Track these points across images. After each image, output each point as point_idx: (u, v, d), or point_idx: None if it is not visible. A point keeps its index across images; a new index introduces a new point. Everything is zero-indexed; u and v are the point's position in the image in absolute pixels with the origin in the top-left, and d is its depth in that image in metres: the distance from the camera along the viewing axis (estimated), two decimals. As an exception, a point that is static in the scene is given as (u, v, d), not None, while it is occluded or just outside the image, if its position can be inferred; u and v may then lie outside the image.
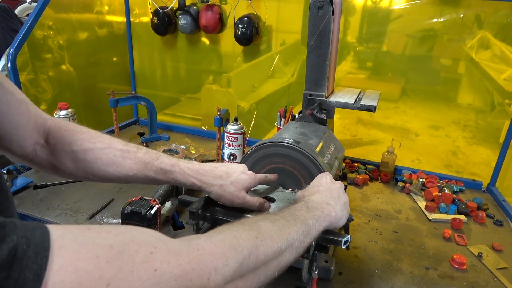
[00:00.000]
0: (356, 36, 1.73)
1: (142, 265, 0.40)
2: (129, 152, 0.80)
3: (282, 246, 0.58)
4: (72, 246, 0.37)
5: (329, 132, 1.24)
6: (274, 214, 0.66)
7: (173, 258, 0.43)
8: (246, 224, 0.57)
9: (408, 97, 1.75)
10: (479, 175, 1.67)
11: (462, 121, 1.70)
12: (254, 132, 2.02)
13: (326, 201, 0.78)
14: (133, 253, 0.40)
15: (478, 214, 1.34)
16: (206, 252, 0.46)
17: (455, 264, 1.10)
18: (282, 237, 0.59)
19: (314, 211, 0.73)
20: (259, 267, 0.54)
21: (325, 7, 1.17)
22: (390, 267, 1.09)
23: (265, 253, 0.54)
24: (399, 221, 1.33)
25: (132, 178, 0.82)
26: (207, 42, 1.98)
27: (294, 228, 0.64)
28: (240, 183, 0.87)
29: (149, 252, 0.42)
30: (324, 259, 0.99)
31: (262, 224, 0.59)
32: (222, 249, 0.48)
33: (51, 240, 0.36)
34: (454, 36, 1.58)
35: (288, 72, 1.91)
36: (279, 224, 0.62)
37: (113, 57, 2.16)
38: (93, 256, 0.37)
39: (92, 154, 0.77)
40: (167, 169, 0.83)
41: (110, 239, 0.41)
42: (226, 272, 0.47)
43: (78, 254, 0.37)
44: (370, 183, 1.59)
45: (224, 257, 0.48)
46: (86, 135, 0.78)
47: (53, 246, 0.36)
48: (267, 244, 0.55)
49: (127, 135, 1.98)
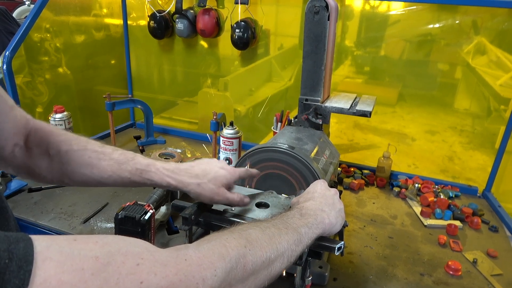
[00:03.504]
0: (354, 41, 1.74)
1: (128, 277, 0.40)
2: (104, 154, 0.79)
3: (272, 255, 0.57)
4: (57, 258, 0.37)
5: (324, 137, 1.24)
6: (265, 222, 0.66)
7: (160, 269, 0.42)
8: (236, 232, 0.57)
9: (405, 101, 1.75)
10: (475, 180, 1.67)
11: (458, 126, 1.70)
12: (251, 136, 2.02)
13: (321, 208, 0.77)
14: (120, 264, 0.40)
15: (473, 220, 1.34)
16: (194, 263, 0.46)
17: (450, 271, 1.10)
18: (272, 246, 0.59)
19: (308, 218, 0.73)
20: (247, 277, 0.53)
21: (321, 12, 1.17)
22: (385, 273, 1.08)
23: (253, 262, 0.54)
24: (394, 226, 1.32)
25: (108, 180, 0.80)
26: (204, 46, 1.98)
27: (285, 237, 0.63)
28: (218, 180, 0.86)
29: (136, 263, 0.41)
30: (318, 265, 0.99)
31: (252, 232, 0.58)
32: (210, 258, 0.48)
33: (35, 253, 0.36)
34: (451, 42, 1.59)
35: (285, 76, 1.91)
36: (269, 233, 0.61)
37: (110, 60, 2.16)
38: (78, 268, 0.37)
39: (67, 156, 0.76)
40: (142, 169, 0.81)
41: (97, 250, 0.40)
42: (214, 282, 0.47)
43: (63, 266, 0.36)
44: (366, 188, 1.58)
45: (212, 267, 0.47)
46: (63, 137, 0.78)
47: (37, 259, 0.35)
48: (256, 254, 0.55)
49: (123, 138, 1.98)
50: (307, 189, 0.87)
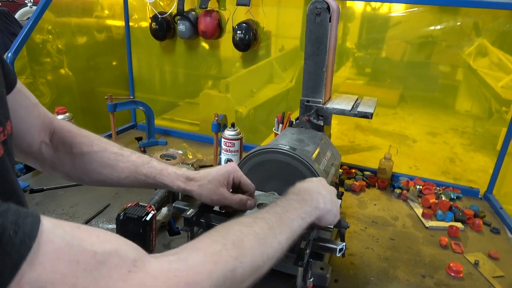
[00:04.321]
0: (355, 42, 1.74)
1: (118, 283, 0.39)
2: (123, 156, 0.84)
3: (260, 263, 0.56)
4: (57, 243, 0.37)
5: (325, 139, 1.24)
6: (260, 219, 0.63)
7: (150, 281, 0.42)
8: (229, 238, 0.55)
9: (406, 103, 1.75)
10: (476, 182, 1.67)
11: (460, 127, 1.70)
12: (252, 137, 2.02)
13: (318, 190, 0.77)
14: (113, 267, 0.40)
15: (475, 222, 1.34)
16: (182, 280, 0.45)
17: (451, 272, 1.10)
18: (264, 252, 0.58)
19: (304, 203, 0.72)
20: (235, 286, 0.52)
21: (322, 14, 1.17)
22: (386, 275, 1.08)
23: (242, 274, 0.53)
24: (395, 228, 1.32)
25: (124, 180, 0.85)
26: (206, 47, 1.99)
27: (277, 239, 0.62)
28: (218, 180, 0.88)
29: (128, 270, 0.41)
30: (319, 266, 0.99)
31: (246, 240, 0.56)
32: (199, 276, 0.47)
33: (39, 231, 0.36)
34: (453, 43, 1.59)
35: (286, 78, 1.91)
36: (262, 236, 0.59)
37: (111, 62, 2.16)
38: (74, 260, 0.37)
39: (89, 157, 0.81)
40: (157, 172, 0.86)
41: (97, 246, 0.40)
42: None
43: (61, 254, 0.37)
44: (367, 190, 1.58)
45: (200, 285, 0.46)
46: (85, 138, 0.83)
47: (40, 238, 0.36)
48: (246, 264, 0.53)
49: (125, 139, 1.98)
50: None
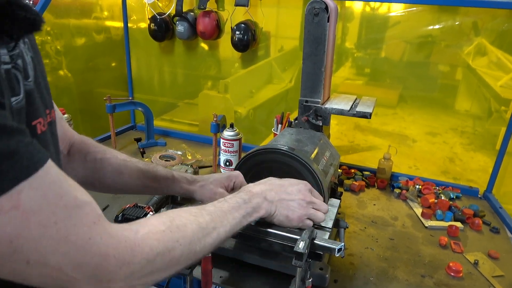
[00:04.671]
0: (354, 42, 1.74)
1: (83, 228, 0.47)
2: (132, 162, 0.92)
3: (198, 248, 0.63)
4: (54, 178, 0.46)
5: (324, 139, 1.24)
6: (206, 211, 0.69)
7: (106, 237, 0.49)
8: (175, 223, 0.61)
9: (406, 103, 1.75)
10: (476, 181, 1.67)
11: (459, 127, 1.70)
12: (251, 138, 2.02)
13: (264, 195, 0.81)
14: (85, 213, 0.48)
15: (474, 221, 1.33)
16: (129, 246, 0.52)
17: (451, 272, 1.09)
18: (202, 240, 0.64)
19: (248, 206, 0.77)
20: (171, 267, 0.59)
21: (321, 14, 1.17)
22: (386, 275, 1.08)
23: (180, 254, 0.59)
24: (395, 228, 1.32)
25: (131, 185, 0.91)
26: (205, 48, 1.99)
27: (216, 231, 0.67)
28: (219, 181, 0.94)
29: (93, 221, 0.49)
30: (319, 266, 0.98)
31: (189, 227, 0.63)
32: (143, 248, 0.53)
33: (46, 165, 0.44)
34: (452, 43, 1.59)
35: (286, 78, 1.91)
36: (204, 226, 0.65)
37: (110, 63, 2.16)
38: (60, 195, 0.45)
39: (101, 163, 0.88)
40: (162, 176, 0.92)
41: (79, 193, 0.49)
42: (136, 268, 0.52)
43: (54, 186, 0.45)
44: (366, 190, 1.58)
45: (140, 255, 0.53)
46: (99, 148, 0.90)
47: (44, 169, 0.44)
48: (185, 247, 0.60)
49: (124, 140, 1.98)
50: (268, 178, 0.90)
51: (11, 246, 0.42)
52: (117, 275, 0.50)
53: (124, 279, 0.51)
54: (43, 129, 0.58)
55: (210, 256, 0.90)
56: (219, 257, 1.03)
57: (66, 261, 0.46)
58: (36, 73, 0.57)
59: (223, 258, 1.03)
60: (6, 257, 0.42)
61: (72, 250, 0.46)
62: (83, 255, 0.47)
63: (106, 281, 0.50)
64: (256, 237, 0.89)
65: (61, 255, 0.45)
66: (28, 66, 0.54)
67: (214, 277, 1.00)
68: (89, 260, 0.47)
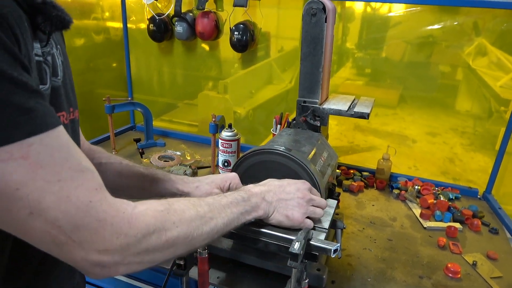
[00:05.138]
0: (355, 43, 1.73)
1: (85, 192, 0.50)
2: (134, 166, 0.95)
3: (194, 234, 0.64)
4: (64, 142, 0.50)
5: (322, 139, 1.24)
6: (205, 203, 0.70)
7: (105, 204, 0.52)
8: (173, 207, 0.63)
9: (406, 103, 1.74)
10: (475, 182, 1.66)
11: (460, 127, 1.69)
12: (251, 138, 2.02)
13: (262, 196, 0.82)
14: (86, 179, 0.51)
15: (473, 222, 1.33)
16: (125, 219, 0.54)
17: (449, 273, 1.09)
18: (199, 227, 0.65)
19: (246, 205, 0.78)
20: (167, 247, 0.60)
21: (318, 14, 1.17)
22: (384, 276, 1.08)
23: (176, 237, 0.60)
24: (393, 228, 1.32)
25: (132, 188, 0.94)
26: (204, 48, 1.99)
27: (214, 221, 0.68)
28: (215, 182, 0.95)
29: (95, 188, 0.52)
30: (316, 267, 0.98)
31: (187, 213, 0.64)
32: (139, 223, 0.55)
33: (58, 127, 0.49)
34: (453, 43, 1.58)
35: (286, 79, 1.91)
36: (202, 214, 0.67)
37: (110, 63, 2.16)
38: (66, 157, 0.50)
39: (105, 166, 0.91)
40: (160, 179, 0.94)
41: (84, 161, 0.53)
42: (131, 241, 0.54)
43: (62, 148, 0.50)
44: (365, 190, 1.58)
45: (136, 229, 0.54)
46: (105, 154, 0.95)
47: (56, 130, 0.49)
48: (181, 231, 0.61)
49: (123, 141, 1.98)
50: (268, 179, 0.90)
51: (16, 194, 0.45)
52: (112, 245, 0.52)
53: (119, 250, 0.53)
54: (66, 122, 0.64)
55: (206, 257, 0.90)
56: (216, 258, 1.03)
57: (65, 220, 0.48)
58: (64, 75, 0.65)
59: (220, 258, 1.03)
60: (12, 203, 0.45)
61: (72, 210, 0.49)
62: (82, 216, 0.49)
63: (103, 250, 0.52)
64: (252, 237, 0.88)
65: (61, 212, 0.48)
66: (58, 68, 0.63)
67: (212, 277, 0.99)
68: (87, 223, 0.50)
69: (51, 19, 0.54)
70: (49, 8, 0.54)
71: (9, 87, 0.45)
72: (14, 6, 0.49)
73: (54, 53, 0.62)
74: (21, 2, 0.51)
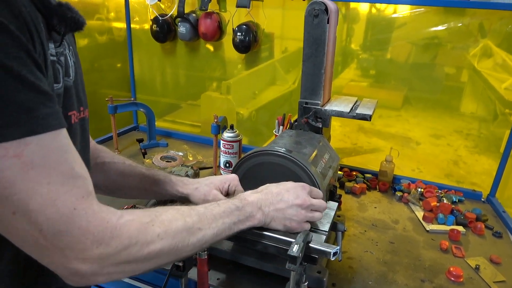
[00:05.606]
0: (360, 44, 1.72)
1: (71, 198, 0.50)
2: (136, 167, 0.97)
3: (180, 245, 0.63)
4: (61, 145, 0.51)
5: (324, 141, 1.23)
6: (195, 212, 0.69)
7: (89, 213, 0.52)
8: (160, 218, 0.62)
9: (411, 105, 1.73)
10: (479, 185, 1.65)
11: (464, 130, 1.67)
12: (254, 139, 2.01)
13: (259, 205, 0.81)
14: (76, 186, 0.51)
15: (476, 225, 1.31)
16: (108, 229, 0.53)
17: (451, 277, 1.08)
18: (186, 238, 0.64)
19: (240, 214, 0.77)
20: (149, 259, 0.59)
21: (320, 15, 1.16)
22: (385, 279, 1.07)
23: (160, 249, 0.60)
24: (396, 231, 1.31)
25: (133, 188, 0.95)
26: (207, 49, 1.99)
27: (202, 232, 0.68)
28: (213, 183, 0.95)
29: (82, 195, 0.52)
30: (316, 270, 0.98)
31: (174, 224, 0.63)
32: (121, 232, 0.55)
33: (59, 130, 0.50)
34: (458, 44, 1.57)
35: (290, 80, 1.90)
36: (190, 225, 0.66)
37: (113, 64, 2.17)
38: (60, 162, 0.50)
39: (108, 165, 0.93)
40: (161, 180, 0.95)
41: (77, 167, 0.53)
42: (111, 251, 0.54)
43: (58, 151, 0.50)
44: (368, 192, 1.57)
45: (118, 239, 0.54)
46: (109, 154, 0.96)
47: (55, 133, 0.49)
48: (166, 243, 0.61)
49: (126, 141, 1.99)
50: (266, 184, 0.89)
51: (4, 192, 0.46)
52: (92, 254, 0.52)
53: (98, 260, 0.53)
54: (76, 121, 0.66)
55: (206, 258, 0.90)
56: (217, 259, 1.03)
57: (48, 224, 0.48)
58: (76, 75, 0.66)
59: (220, 260, 1.03)
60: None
61: (55, 215, 0.49)
62: (65, 223, 0.49)
63: (82, 259, 0.52)
64: (251, 239, 0.88)
65: (44, 216, 0.48)
66: (70, 68, 0.64)
67: (211, 279, 0.99)
68: (70, 230, 0.50)
69: (66, 20, 0.56)
70: (64, 10, 0.56)
71: (15, 85, 0.45)
72: (31, 7, 0.50)
73: (67, 54, 0.63)
74: (38, 4, 0.52)
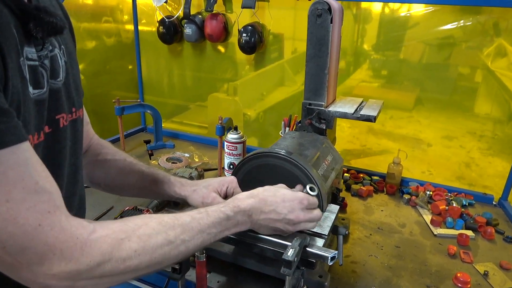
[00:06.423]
0: (372, 44, 1.70)
1: (35, 214, 0.48)
2: (137, 165, 0.95)
3: (160, 259, 0.61)
4: (18, 161, 0.47)
5: (327, 143, 1.21)
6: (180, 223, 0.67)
7: (57, 229, 0.50)
8: (138, 232, 0.59)
9: (423, 106, 1.69)
10: (492, 188, 1.60)
11: (478, 131, 1.63)
12: (261, 141, 2.00)
13: (250, 213, 0.79)
14: (41, 201, 0.49)
15: (486, 230, 1.27)
16: (79, 246, 0.51)
17: (458, 283, 1.04)
18: (167, 253, 0.62)
19: (230, 223, 0.75)
20: (126, 273, 0.57)
21: (324, 15, 1.14)
22: (389, 284, 1.04)
23: (137, 264, 0.58)
24: (402, 235, 1.27)
25: (133, 186, 0.94)
26: (214, 50, 1.98)
27: (185, 245, 0.66)
28: (211, 185, 0.94)
29: (48, 210, 0.49)
30: (318, 274, 0.96)
31: (153, 239, 0.61)
32: (93, 250, 0.53)
33: (21, 144, 0.48)
34: (473, 44, 1.52)
35: (298, 81, 1.88)
36: (172, 239, 0.63)
37: (121, 66, 2.19)
38: (21, 177, 0.47)
39: (109, 163, 0.93)
40: (160, 180, 0.95)
41: (42, 181, 0.50)
42: (82, 268, 0.51)
43: (16, 167, 0.47)
44: (375, 195, 1.54)
45: (90, 256, 0.52)
46: (111, 150, 0.95)
47: (12, 149, 0.47)
48: (143, 259, 0.59)
49: (133, 142, 2.00)
50: (265, 187, 0.86)
51: None
52: (60, 270, 0.50)
53: (69, 276, 0.51)
54: (65, 123, 0.64)
55: (204, 261, 0.89)
56: (217, 262, 1.02)
57: (11, 242, 0.47)
58: (67, 75, 0.64)
59: (221, 262, 1.02)
60: None
61: (18, 232, 0.47)
62: (29, 240, 0.47)
63: (51, 275, 0.50)
64: (247, 242, 0.87)
65: (7, 234, 0.46)
66: (60, 69, 0.62)
67: (212, 281, 0.98)
68: (34, 246, 0.48)
69: (43, 25, 0.54)
70: (42, 14, 0.53)
71: None
72: (2, 11, 0.48)
73: (56, 54, 0.62)
74: (13, 8, 0.50)
